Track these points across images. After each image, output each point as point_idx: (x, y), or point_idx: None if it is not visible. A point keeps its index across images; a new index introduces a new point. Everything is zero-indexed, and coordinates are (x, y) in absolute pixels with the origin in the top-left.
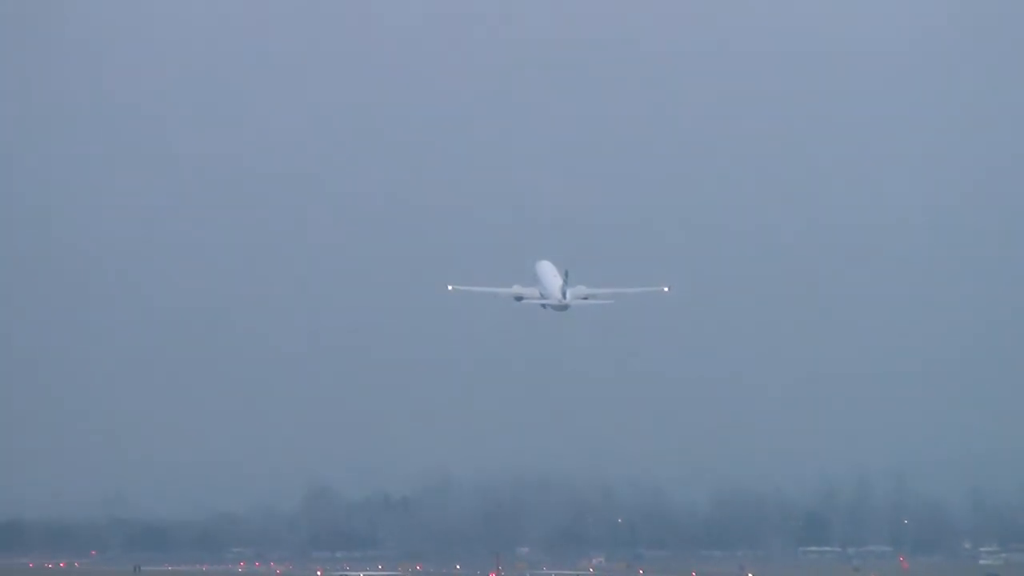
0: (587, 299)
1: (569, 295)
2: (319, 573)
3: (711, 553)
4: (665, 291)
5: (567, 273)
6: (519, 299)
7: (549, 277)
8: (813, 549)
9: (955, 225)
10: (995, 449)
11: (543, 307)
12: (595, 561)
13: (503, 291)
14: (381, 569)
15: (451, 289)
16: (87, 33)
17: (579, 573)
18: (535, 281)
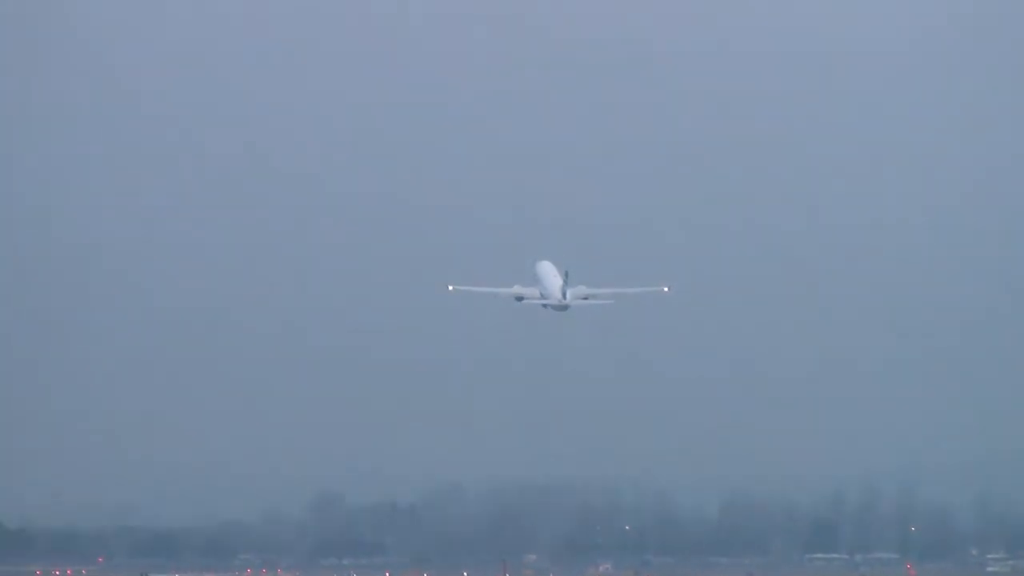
0: (587, 299)
1: (569, 295)
2: None
3: (718, 560)
4: (665, 291)
5: (567, 273)
6: (520, 299)
7: (550, 277)
8: (820, 556)
9: (955, 225)
10: (1002, 455)
11: (544, 307)
12: (602, 568)
13: (504, 291)
14: None
15: (452, 289)
16: (87, 33)
17: None
18: (536, 281)
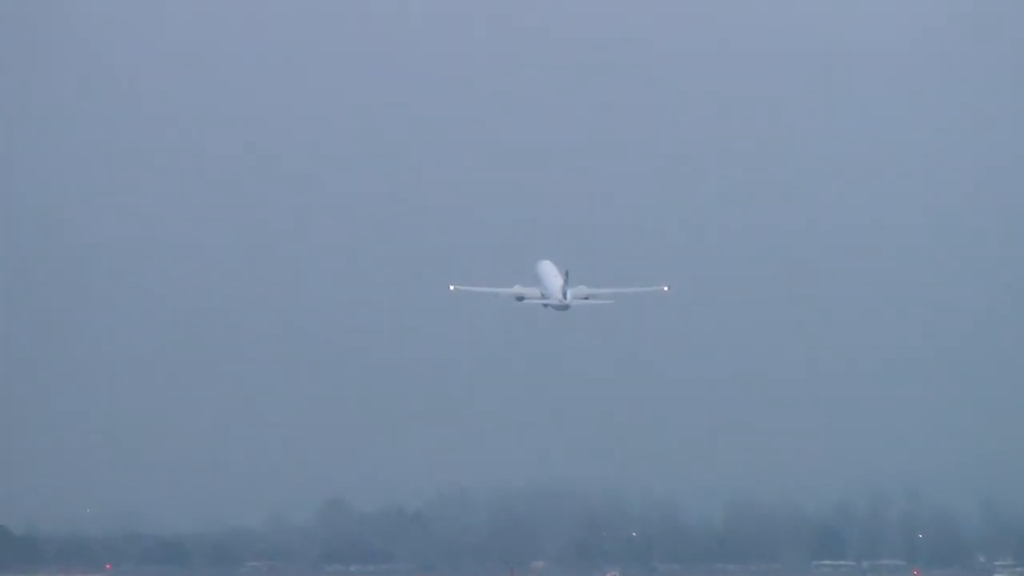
0: (588, 299)
1: (570, 295)
2: None
3: (725, 567)
4: (665, 291)
5: (567, 273)
6: (520, 299)
7: (550, 277)
8: (827, 563)
9: (955, 225)
10: (1009, 460)
11: (544, 307)
12: (610, 575)
13: (504, 291)
14: None
15: (453, 289)
16: (87, 33)
17: None
18: (536, 281)
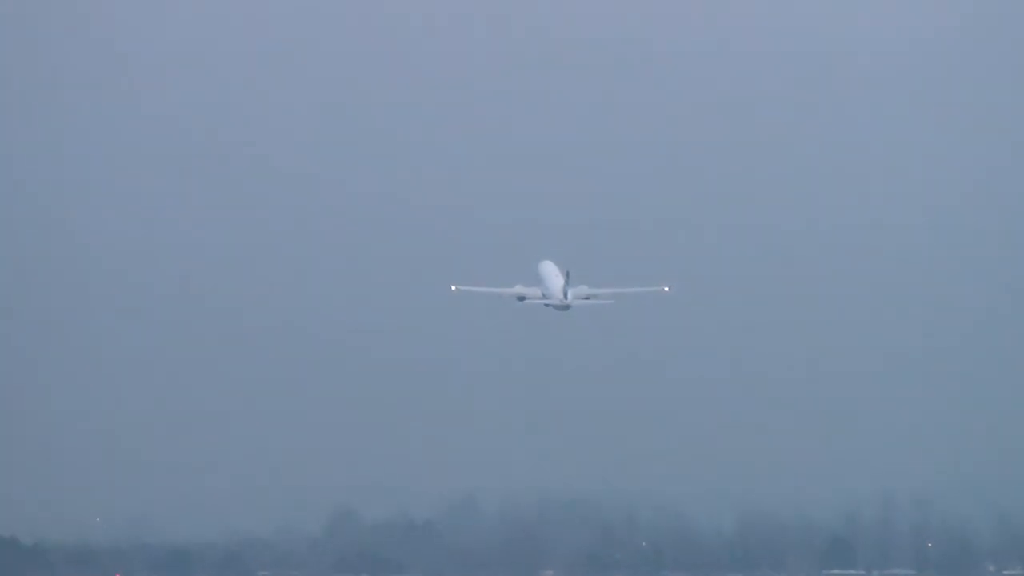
0: (588, 299)
1: (571, 295)
2: None
3: None
4: (665, 291)
5: (568, 273)
6: (521, 299)
7: (551, 277)
8: (836, 572)
9: (955, 225)
10: (1020, 468)
11: (546, 307)
12: None
13: (506, 291)
14: None
15: (454, 289)
16: (87, 32)
17: None
18: (538, 281)
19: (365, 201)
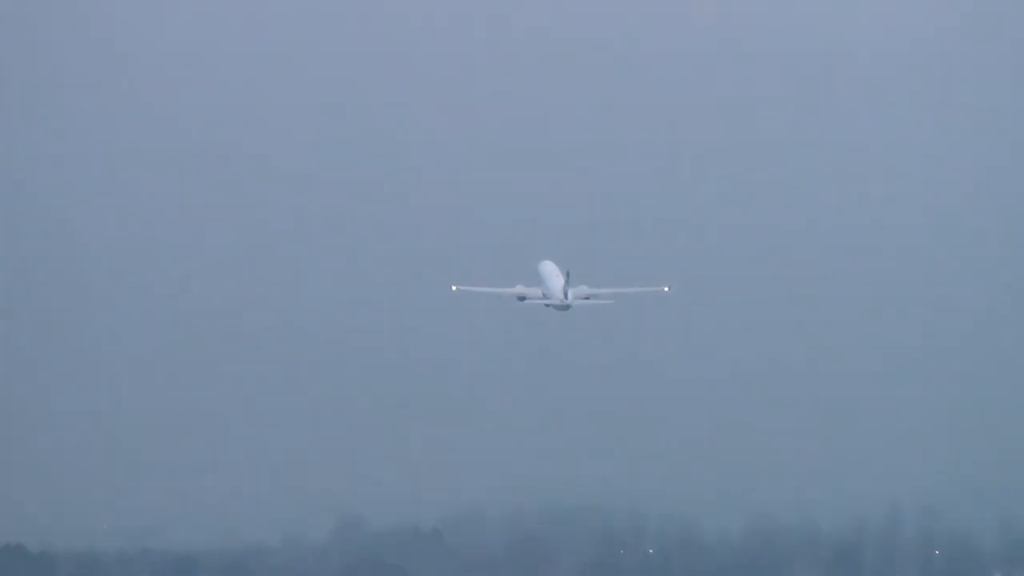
0: (588, 299)
1: (571, 295)
2: None
3: None
4: (666, 291)
5: (568, 273)
6: (522, 299)
7: (552, 277)
8: None
9: (955, 225)
10: (1018, 469)
11: (546, 307)
12: None
13: (506, 291)
14: None
15: (455, 289)
16: (88, 32)
17: None
18: (538, 281)
19: (365, 201)
